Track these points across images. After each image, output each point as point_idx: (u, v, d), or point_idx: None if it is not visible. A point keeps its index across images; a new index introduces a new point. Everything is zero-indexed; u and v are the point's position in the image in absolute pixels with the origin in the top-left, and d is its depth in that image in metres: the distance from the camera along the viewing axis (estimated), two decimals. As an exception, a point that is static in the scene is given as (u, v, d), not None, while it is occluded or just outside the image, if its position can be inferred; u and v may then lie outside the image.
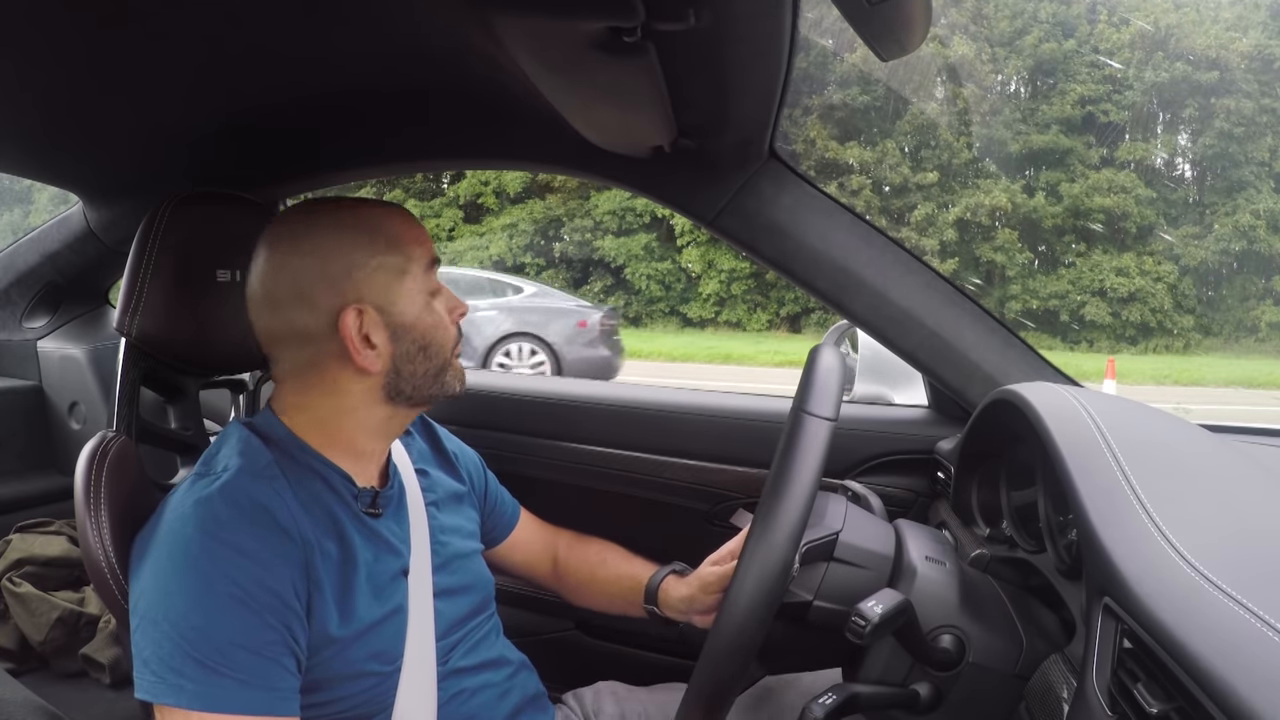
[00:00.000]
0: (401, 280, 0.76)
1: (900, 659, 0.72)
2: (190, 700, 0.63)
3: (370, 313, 0.75)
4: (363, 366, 0.75)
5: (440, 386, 0.80)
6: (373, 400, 0.78)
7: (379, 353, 0.76)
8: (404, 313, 0.76)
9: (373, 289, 0.75)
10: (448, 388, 0.81)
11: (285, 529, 0.69)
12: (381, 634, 0.75)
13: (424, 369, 0.78)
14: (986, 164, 15.97)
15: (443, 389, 0.81)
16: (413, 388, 0.78)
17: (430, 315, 0.78)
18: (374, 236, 0.76)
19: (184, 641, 0.63)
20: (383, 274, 0.76)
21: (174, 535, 0.67)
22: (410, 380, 0.78)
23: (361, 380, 0.77)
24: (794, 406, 0.67)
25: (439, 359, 0.79)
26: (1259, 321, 14.86)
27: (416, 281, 0.77)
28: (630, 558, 1.02)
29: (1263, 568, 0.52)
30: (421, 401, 0.80)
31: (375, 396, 0.78)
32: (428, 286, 0.78)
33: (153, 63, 0.82)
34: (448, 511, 0.90)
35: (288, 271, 0.75)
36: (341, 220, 0.77)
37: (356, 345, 0.75)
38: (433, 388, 0.80)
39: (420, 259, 0.78)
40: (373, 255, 0.76)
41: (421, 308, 0.77)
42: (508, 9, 0.58)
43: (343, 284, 0.75)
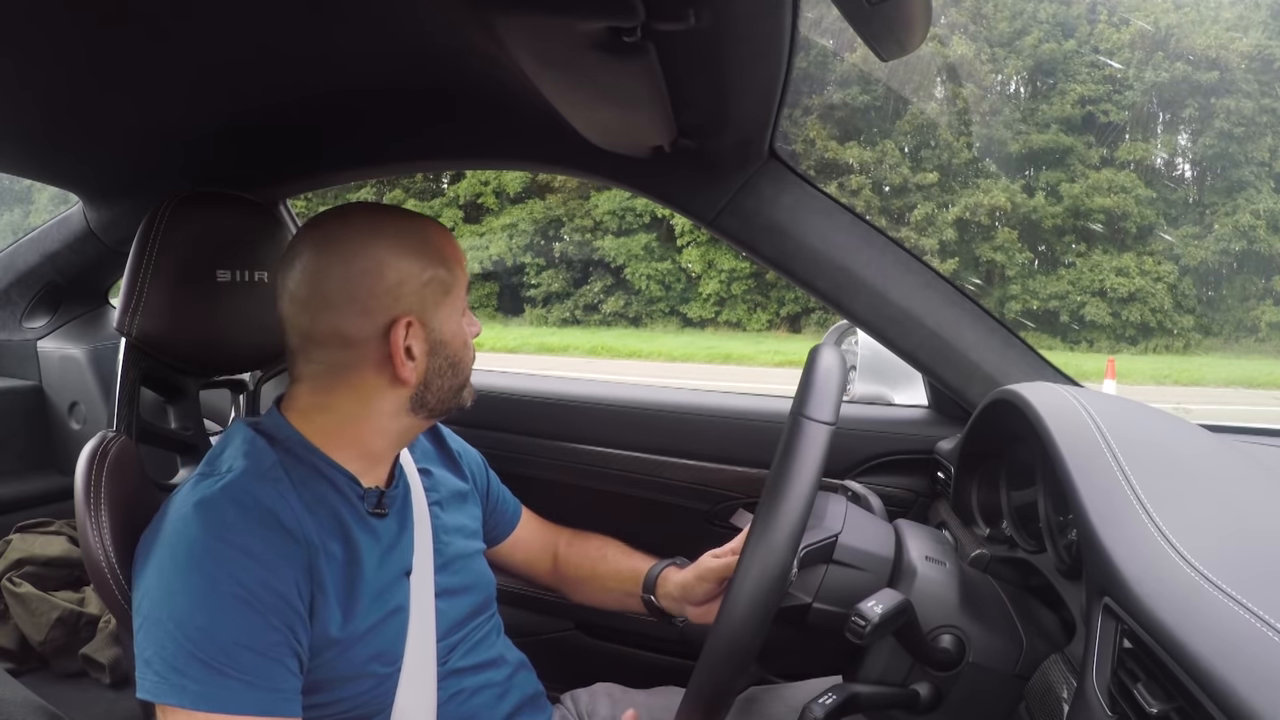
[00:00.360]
0: (447, 297, 0.78)
1: (900, 659, 0.72)
2: (194, 700, 0.63)
3: (416, 326, 0.76)
4: (403, 378, 0.77)
5: (457, 400, 0.83)
6: (399, 410, 0.79)
7: (415, 366, 0.77)
8: (443, 329, 0.78)
9: (422, 303, 0.77)
10: (463, 402, 0.84)
11: (289, 530, 0.69)
12: (383, 635, 0.75)
13: (450, 384, 0.80)
14: (986, 164, 15.98)
15: (459, 403, 0.83)
16: (437, 400, 0.80)
17: (463, 334, 0.81)
18: (427, 251, 0.78)
19: (188, 641, 0.63)
20: (432, 289, 0.77)
21: (178, 535, 0.67)
22: (436, 394, 0.80)
23: (393, 389, 0.78)
24: (793, 410, 0.67)
25: (463, 376, 0.82)
26: (1259, 321, 14.86)
27: (458, 299, 0.80)
28: (630, 552, 1.03)
29: (1263, 568, 0.52)
30: (440, 414, 0.82)
31: (402, 406, 0.79)
32: (464, 304, 0.81)
33: (153, 62, 0.82)
34: (451, 511, 0.90)
35: (338, 276, 0.74)
36: (397, 230, 0.77)
37: (402, 357, 0.76)
38: (452, 402, 0.82)
39: (463, 278, 0.81)
40: (426, 269, 0.77)
41: (458, 325, 0.80)
42: (508, 8, 0.58)
43: (397, 294, 0.75)
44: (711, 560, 0.91)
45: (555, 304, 16.15)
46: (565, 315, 16.03)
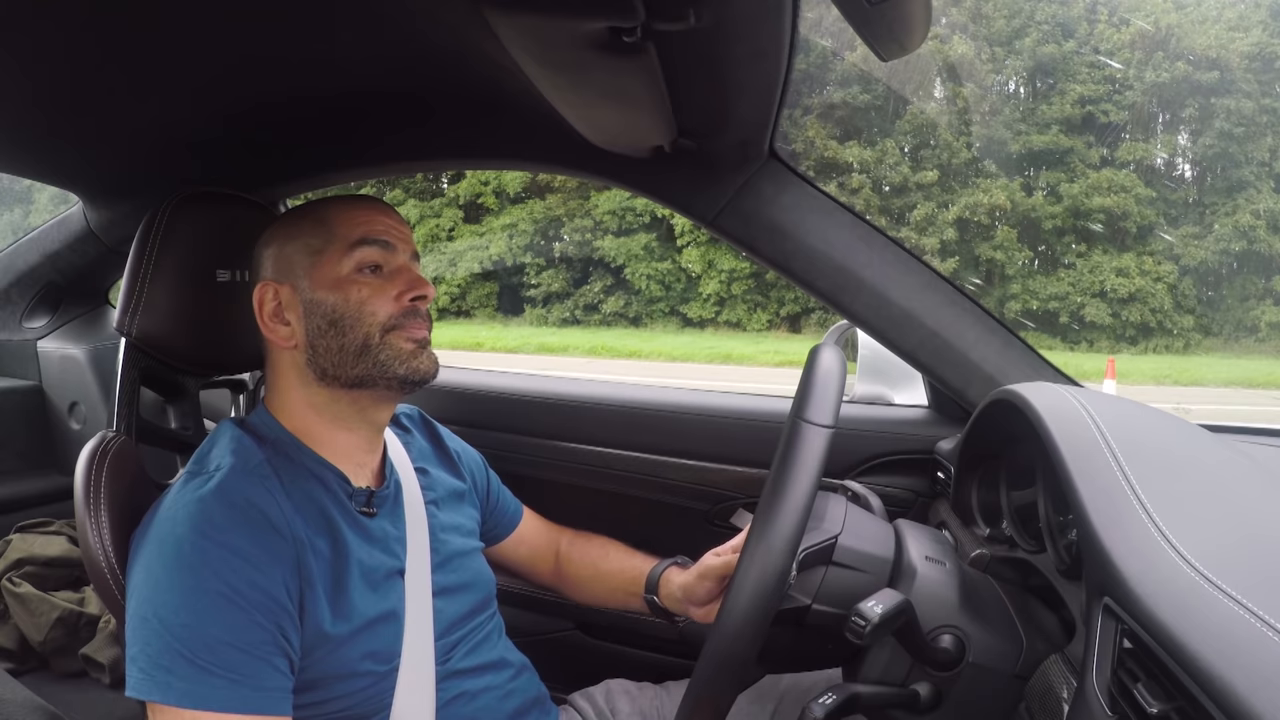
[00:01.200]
0: (316, 258, 0.78)
1: (900, 659, 0.72)
2: (178, 698, 0.63)
3: (285, 290, 0.79)
4: (273, 340, 0.80)
5: (372, 364, 0.77)
6: (306, 379, 0.79)
7: (292, 330, 0.79)
8: (316, 289, 0.78)
9: (290, 268, 0.79)
10: (384, 367, 0.77)
11: (277, 527, 0.69)
12: (377, 633, 0.75)
13: (338, 344, 0.77)
14: (986, 164, 15.98)
15: (378, 368, 0.77)
16: (333, 365, 0.77)
17: (345, 292, 0.77)
18: (303, 221, 0.81)
19: (173, 639, 0.63)
20: (300, 254, 0.79)
21: (165, 534, 0.67)
22: (327, 357, 0.77)
23: (286, 355, 0.80)
24: (792, 413, 0.67)
25: (356, 335, 0.77)
26: (1259, 321, 14.86)
27: (335, 258, 0.78)
28: (632, 552, 1.03)
29: (1263, 568, 0.52)
30: (354, 382, 0.78)
31: (306, 375, 0.79)
32: (354, 262, 0.78)
33: (154, 63, 0.82)
34: (448, 510, 0.90)
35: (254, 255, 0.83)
36: (296, 213, 0.83)
37: (265, 320, 0.79)
38: (359, 366, 0.77)
39: (342, 238, 0.78)
40: (294, 237, 0.80)
41: (335, 283, 0.77)
42: (508, 9, 0.58)
43: (267, 263, 0.81)
44: (713, 559, 0.90)
45: (555, 304, 16.16)
46: (565, 315, 16.04)
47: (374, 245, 0.79)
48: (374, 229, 0.79)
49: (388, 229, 0.80)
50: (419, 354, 0.79)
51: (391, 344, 0.77)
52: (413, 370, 0.78)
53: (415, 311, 0.79)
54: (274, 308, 0.79)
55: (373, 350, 0.77)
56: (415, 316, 0.79)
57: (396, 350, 0.77)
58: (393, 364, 0.77)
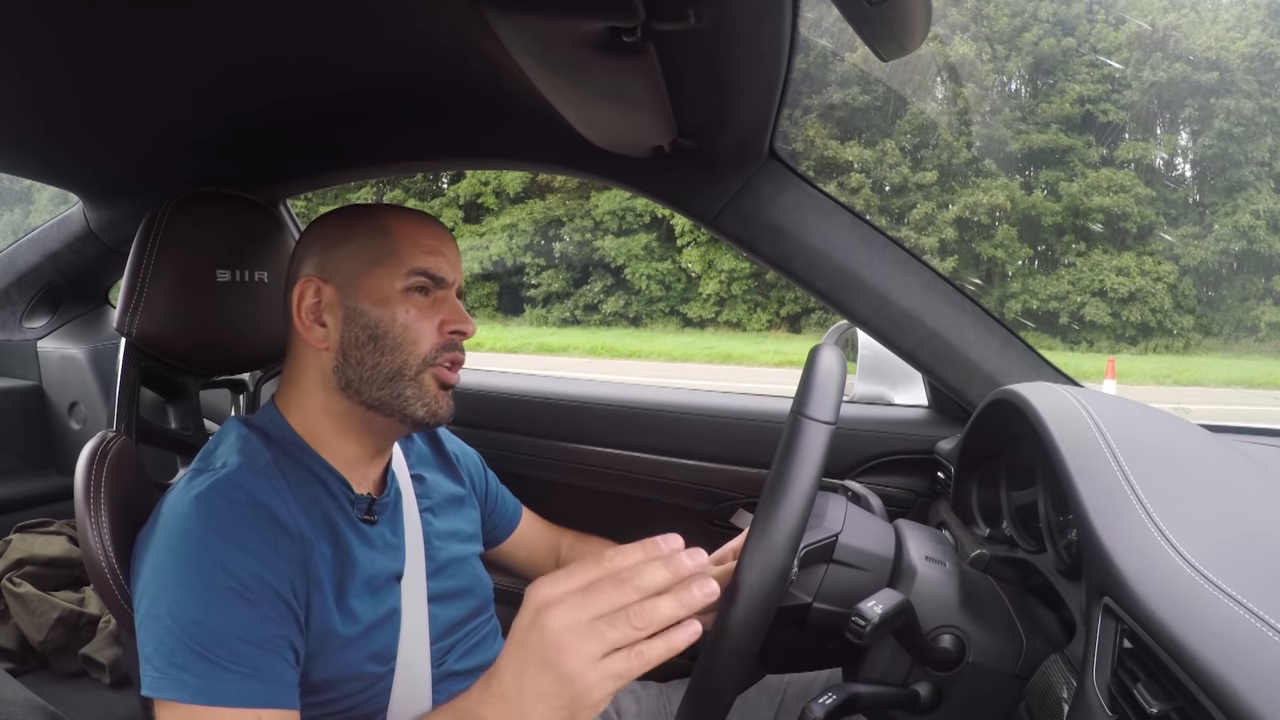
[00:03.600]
0: (371, 268, 0.76)
1: (900, 659, 0.72)
2: (193, 694, 0.63)
3: (329, 290, 0.77)
4: (305, 338, 0.77)
5: (395, 395, 0.76)
6: (328, 385, 0.77)
7: (328, 332, 0.77)
8: (363, 298, 0.76)
9: (339, 269, 0.77)
10: (407, 403, 0.76)
11: (284, 525, 0.69)
12: (377, 637, 0.75)
13: (373, 361, 0.75)
14: (986, 163, 15.98)
15: (400, 400, 0.76)
16: (360, 379, 0.76)
17: (393, 310, 0.76)
18: (361, 225, 0.78)
19: (185, 636, 0.63)
20: (354, 258, 0.77)
21: (172, 531, 0.67)
22: (358, 370, 0.76)
23: (314, 356, 0.78)
24: (793, 410, 0.67)
25: (394, 358, 0.75)
26: (1259, 321, 14.87)
27: (389, 273, 0.76)
28: None
29: (1263, 568, 0.52)
30: (373, 404, 0.76)
31: (329, 381, 0.77)
32: (407, 283, 0.76)
33: (153, 63, 0.82)
34: (444, 516, 0.90)
35: (294, 255, 0.81)
36: (353, 213, 0.80)
37: (303, 317, 0.77)
38: (384, 391, 0.76)
39: (405, 255, 0.76)
40: (350, 239, 0.77)
41: (384, 299, 0.76)
42: (507, 8, 0.58)
43: (314, 259, 0.78)
44: (713, 569, 0.90)
45: (555, 304, 16.16)
46: (565, 315, 16.04)
47: (429, 278, 0.77)
48: (436, 261, 0.77)
49: (447, 260, 0.79)
50: (440, 399, 0.78)
51: (423, 381, 0.77)
52: (430, 414, 0.78)
53: (454, 345, 0.78)
54: (313, 304, 0.77)
55: (404, 381, 0.76)
56: (452, 350, 0.78)
57: (424, 389, 0.77)
58: (414, 403, 0.76)
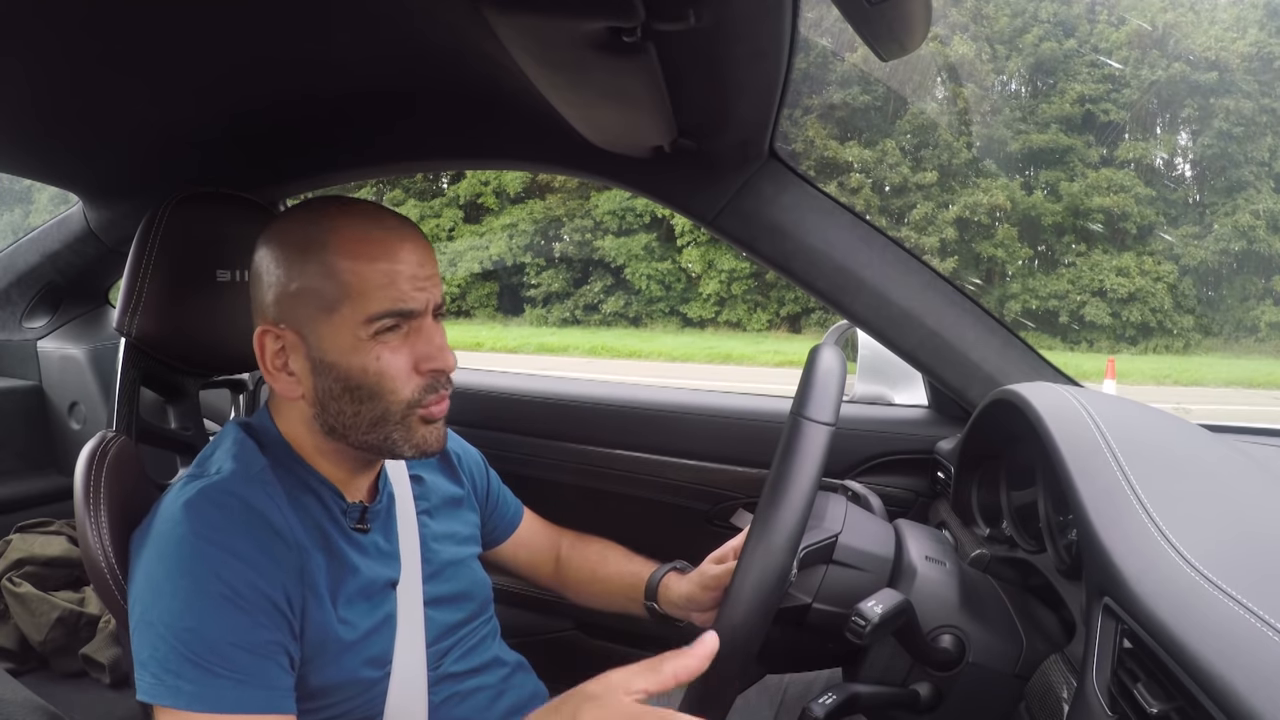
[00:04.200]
0: (328, 315, 0.69)
1: (900, 659, 0.72)
2: (188, 701, 0.63)
3: (290, 337, 0.71)
4: (277, 390, 0.73)
5: (384, 439, 0.72)
6: (314, 429, 0.74)
7: (299, 380, 0.72)
8: (326, 349, 0.70)
9: (295, 315, 0.70)
10: (395, 445, 0.72)
11: (279, 532, 0.69)
12: (373, 642, 0.74)
13: (353, 410, 0.70)
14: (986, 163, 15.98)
15: (388, 443, 0.72)
16: (345, 428, 0.72)
17: (363, 360, 0.69)
18: (309, 265, 0.69)
19: (178, 643, 0.63)
20: (306, 304, 0.70)
21: (165, 536, 0.67)
22: (339, 420, 0.71)
23: (294, 403, 0.74)
24: (793, 410, 0.67)
25: (374, 406, 0.70)
26: (1259, 321, 14.86)
27: (349, 321, 0.69)
28: (632, 556, 1.02)
29: (1263, 568, 0.52)
30: (364, 447, 0.73)
31: (314, 425, 0.73)
32: (369, 331, 0.69)
33: (153, 63, 0.82)
34: (441, 518, 0.89)
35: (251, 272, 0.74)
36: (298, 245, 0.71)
37: (269, 368, 0.72)
38: (371, 434, 0.72)
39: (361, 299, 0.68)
40: (300, 283, 0.70)
41: (349, 348, 0.69)
42: (507, 8, 0.58)
43: (269, 300, 0.71)
44: (713, 568, 0.90)
45: (555, 304, 16.16)
46: (565, 315, 16.04)
47: (397, 316, 0.70)
48: (402, 294, 0.69)
49: (414, 286, 0.70)
50: (430, 434, 0.74)
51: (409, 425, 0.72)
52: (419, 452, 0.74)
53: (435, 385, 0.72)
54: (276, 352, 0.72)
55: (389, 426, 0.72)
56: (436, 390, 0.73)
57: (410, 431, 0.72)
58: (401, 445, 0.73)
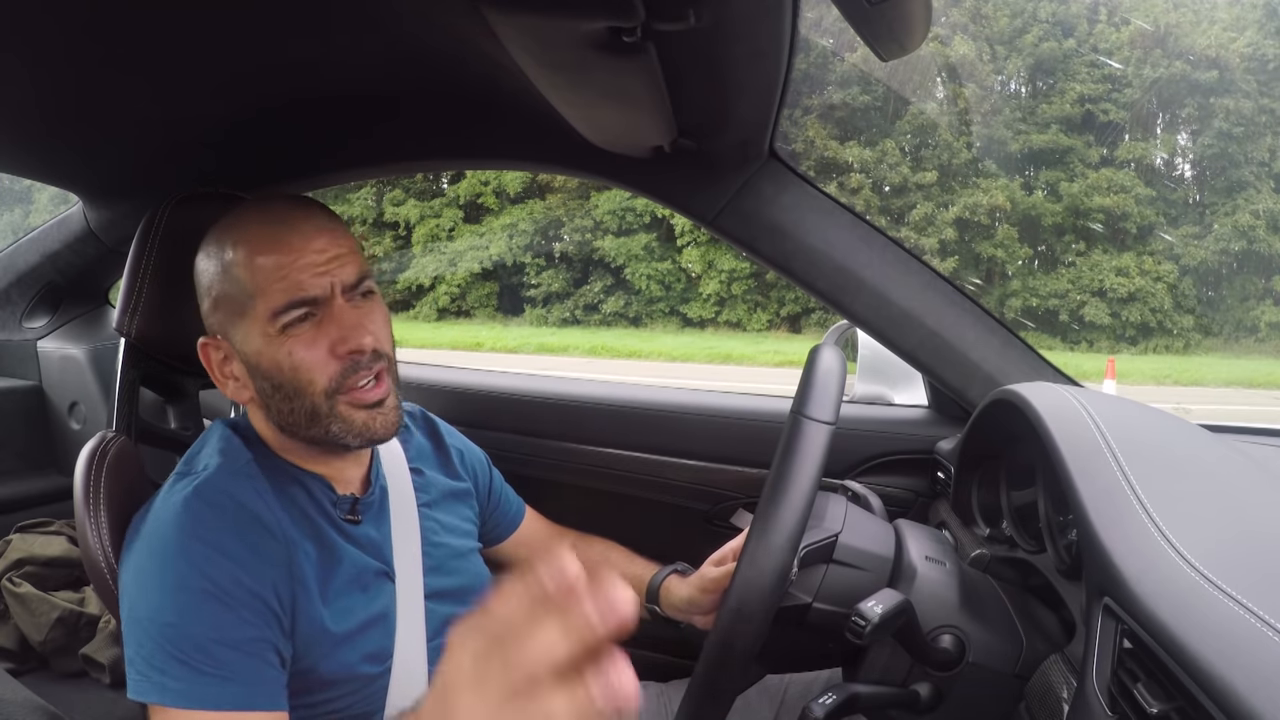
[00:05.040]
0: (240, 319, 0.71)
1: (900, 659, 0.72)
2: (174, 698, 0.63)
3: (226, 346, 0.73)
4: (230, 396, 0.75)
5: (325, 432, 0.71)
6: (273, 427, 0.75)
7: (243, 384, 0.74)
8: (248, 352, 0.71)
9: (221, 325, 0.73)
10: (337, 436, 0.71)
11: (267, 526, 0.69)
12: (369, 637, 0.74)
13: (288, 407, 0.71)
14: (986, 164, 15.98)
15: (331, 435, 0.72)
16: (290, 424, 0.72)
17: (275, 356, 0.70)
18: (222, 272, 0.71)
19: (163, 639, 0.63)
20: (224, 312, 0.72)
21: (151, 534, 0.67)
22: (282, 416, 0.72)
23: (250, 405, 0.76)
24: (793, 409, 0.67)
25: (302, 401, 0.70)
26: (1259, 321, 14.86)
27: (256, 322, 0.70)
28: (633, 558, 1.02)
29: (1263, 568, 0.52)
30: (314, 441, 0.73)
31: (273, 424, 0.75)
32: (277, 327, 0.69)
33: (154, 64, 0.82)
34: (442, 511, 0.89)
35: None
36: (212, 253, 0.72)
37: (218, 376, 0.75)
38: (313, 429, 0.72)
39: (261, 296, 0.69)
40: (214, 294, 0.72)
41: (263, 347, 0.70)
42: (507, 9, 0.58)
43: (204, 309, 0.74)
44: (713, 570, 0.90)
45: (555, 304, 16.16)
46: (565, 315, 16.04)
47: (300, 307, 0.69)
48: (298, 283, 0.69)
49: (313, 274, 0.69)
50: (373, 420, 0.72)
51: (341, 415, 0.71)
52: (366, 439, 0.73)
53: (355, 365, 0.71)
54: (220, 360, 0.75)
55: (323, 419, 0.71)
56: (357, 370, 0.71)
57: (347, 422, 0.71)
58: (344, 435, 0.72)
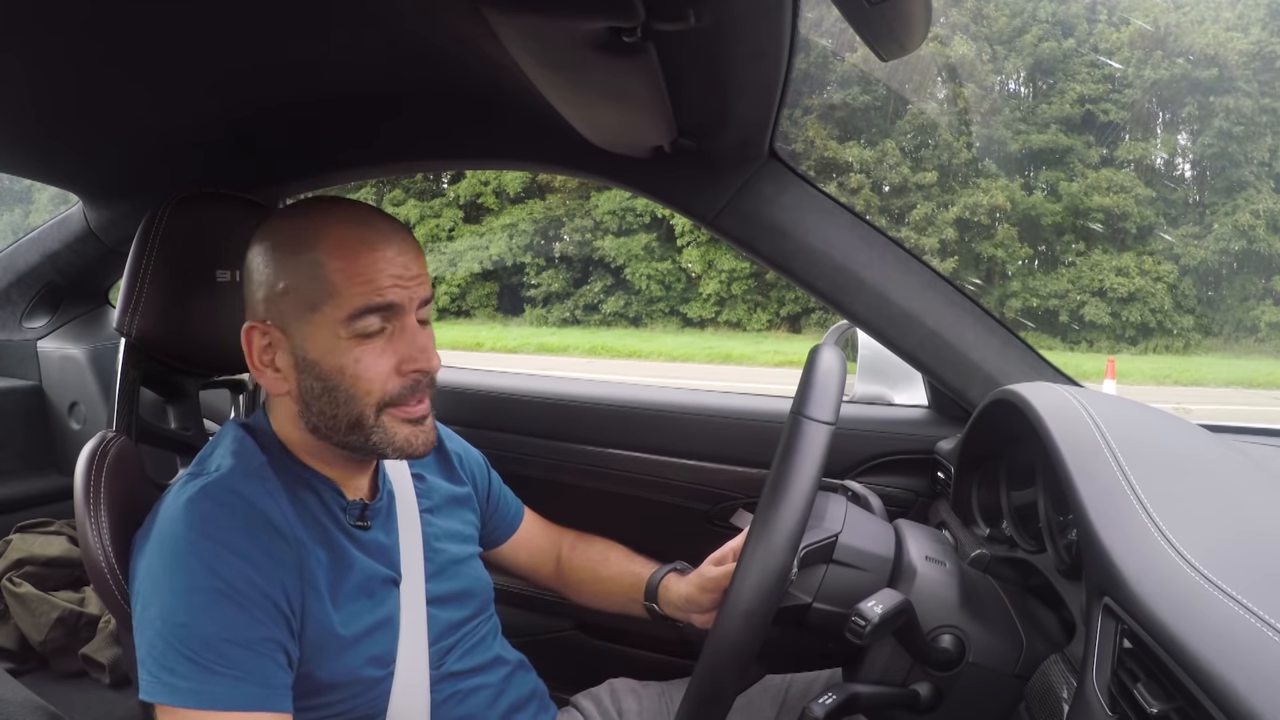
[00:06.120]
0: (312, 314, 0.70)
1: (900, 659, 0.72)
2: (183, 698, 0.63)
3: (276, 335, 0.72)
4: (264, 386, 0.74)
5: (363, 441, 0.72)
6: (297, 423, 0.75)
7: (284, 377, 0.73)
8: (308, 348, 0.71)
9: (282, 314, 0.72)
10: (376, 447, 0.72)
11: (278, 528, 0.69)
12: (375, 641, 0.75)
13: (331, 411, 0.71)
14: (986, 164, 15.98)
15: (369, 445, 0.72)
16: (327, 428, 0.72)
17: (341, 361, 0.70)
18: (297, 264, 0.71)
19: (174, 639, 0.63)
20: (293, 304, 0.71)
21: (163, 534, 0.67)
22: (321, 419, 0.72)
23: (283, 402, 0.75)
24: (793, 410, 0.67)
25: (350, 409, 0.71)
26: (1259, 321, 14.86)
27: (331, 319, 0.70)
28: (633, 556, 1.02)
29: (1263, 568, 0.52)
30: (345, 446, 0.73)
31: (298, 421, 0.74)
32: (353, 329, 0.70)
33: (154, 64, 0.82)
34: (444, 516, 0.89)
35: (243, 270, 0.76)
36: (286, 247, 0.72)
37: (255, 362, 0.73)
38: (351, 437, 0.72)
39: (345, 296, 0.69)
40: (287, 284, 0.71)
41: (330, 349, 0.70)
42: (507, 9, 0.58)
43: (259, 297, 0.73)
44: (713, 570, 0.90)
45: (555, 304, 16.16)
46: (565, 315, 16.04)
47: (378, 313, 0.70)
48: (379, 288, 0.70)
49: (396, 283, 0.70)
50: (415, 435, 0.74)
51: (385, 426, 0.72)
52: (404, 453, 0.74)
53: (415, 386, 0.72)
54: (263, 347, 0.73)
55: (366, 428, 0.72)
56: (416, 391, 0.73)
57: (390, 434, 0.72)
58: (384, 447, 0.73)
